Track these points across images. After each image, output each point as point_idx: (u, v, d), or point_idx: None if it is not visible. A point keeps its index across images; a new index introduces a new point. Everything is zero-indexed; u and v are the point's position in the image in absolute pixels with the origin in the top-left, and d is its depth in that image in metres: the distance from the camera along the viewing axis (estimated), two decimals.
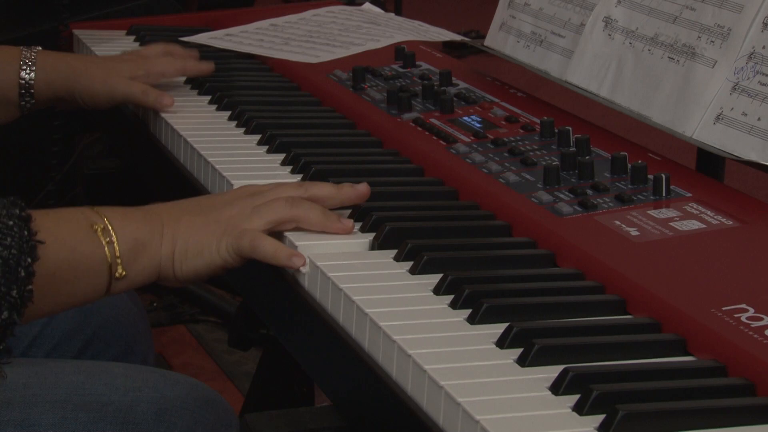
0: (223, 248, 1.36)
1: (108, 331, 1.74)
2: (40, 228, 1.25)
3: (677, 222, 1.37)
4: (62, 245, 1.28)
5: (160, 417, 1.41)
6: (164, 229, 1.36)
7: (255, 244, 1.34)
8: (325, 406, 1.26)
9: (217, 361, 3.05)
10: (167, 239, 1.36)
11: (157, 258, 1.36)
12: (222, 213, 1.38)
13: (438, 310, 1.21)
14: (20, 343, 1.67)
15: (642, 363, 1.12)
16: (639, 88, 1.68)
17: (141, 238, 1.34)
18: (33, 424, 1.36)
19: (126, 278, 1.34)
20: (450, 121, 1.70)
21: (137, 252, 1.34)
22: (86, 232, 1.32)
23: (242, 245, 1.34)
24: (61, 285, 1.29)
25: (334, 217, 1.38)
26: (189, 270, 1.37)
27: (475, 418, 1.01)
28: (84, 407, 1.39)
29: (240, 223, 1.36)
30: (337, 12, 2.34)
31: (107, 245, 1.32)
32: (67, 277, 1.30)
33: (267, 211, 1.37)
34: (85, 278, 1.32)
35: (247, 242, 1.34)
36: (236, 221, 1.36)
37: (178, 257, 1.36)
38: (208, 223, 1.37)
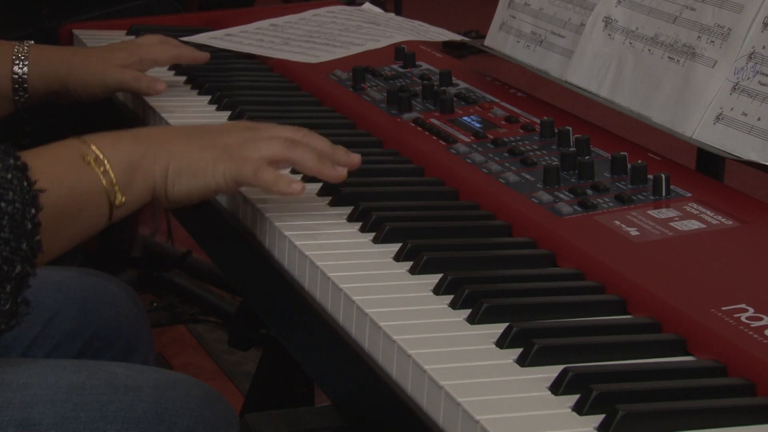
0: (220, 172, 1.36)
1: (108, 332, 1.74)
2: (36, 173, 1.24)
3: (677, 222, 1.37)
4: (61, 186, 1.28)
5: (160, 416, 1.41)
6: (158, 148, 1.36)
7: (258, 172, 1.35)
8: (325, 406, 1.26)
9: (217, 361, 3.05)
10: (161, 157, 1.36)
11: (152, 177, 1.35)
12: (218, 139, 1.38)
13: (438, 310, 1.21)
14: (20, 343, 1.67)
15: (642, 363, 1.12)
16: (639, 88, 1.68)
17: (134, 160, 1.34)
18: (34, 423, 1.36)
19: (125, 204, 1.34)
20: (450, 121, 1.70)
21: (132, 174, 1.34)
22: (81, 166, 1.31)
23: (244, 172, 1.35)
24: (65, 225, 1.29)
25: (329, 163, 1.39)
26: (182, 190, 1.37)
27: (475, 418, 1.01)
28: (84, 407, 1.39)
29: (239, 150, 1.36)
30: (337, 12, 2.34)
31: (102, 174, 1.32)
32: (70, 215, 1.30)
33: (265, 146, 1.38)
34: (87, 212, 1.32)
35: (250, 169, 1.35)
36: (234, 149, 1.37)
37: (172, 176, 1.36)
38: (204, 146, 1.37)
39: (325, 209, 1.46)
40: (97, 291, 1.75)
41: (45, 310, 1.69)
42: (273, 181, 1.35)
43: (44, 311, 1.69)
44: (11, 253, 1.20)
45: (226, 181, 1.37)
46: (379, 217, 1.39)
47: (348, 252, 1.34)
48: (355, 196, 1.46)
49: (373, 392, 1.16)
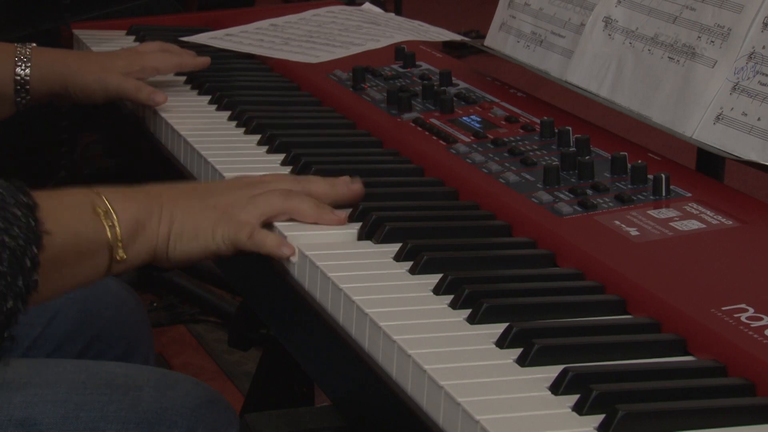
0: (219, 236, 1.38)
1: (109, 333, 1.74)
2: (45, 215, 1.25)
3: (677, 222, 1.37)
4: (66, 231, 1.29)
5: (161, 416, 1.41)
6: (162, 210, 1.38)
7: (252, 237, 1.36)
8: (325, 406, 1.26)
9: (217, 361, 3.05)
10: (165, 220, 1.37)
11: (154, 239, 1.37)
12: (219, 200, 1.40)
13: (438, 310, 1.21)
14: (21, 344, 1.67)
15: (642, 363, 1.12)
16: (639, 88, 1.68)
17: (140, 220, 1.36)
18: (34, 423, 1.36)
19: (125, 260, 1.35)
20: (450, 121, 1.70)
21: (136, 233, 1.35)
22: (89, 216, 1.33)
23: (240, 237, 1.37)
24: (64, 270, 1.30)
25: (328, 209, 1.41)
26: (182, 252, 1.39)
27: (475, 418, 1.01)
28: (85, 407, 1.39)
29: (237, 213, 1.38)
30: (337, 12, 2.34)
31: (109, 229, 1.33)
32: (70, 262, 1.30)
33: (263, 203, 1.39)
34: (88, 261, 1.33)
35: (245, 234, 1.37)
36: (233, 210, 1.39)
37: (174, 239, 1.38)
38: (206, 208, 1.39)
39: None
40: (97, 291, 1.76)
41: (46, 310, 1.69)
42: (262, 242, 1.36)
43: (45, 312, 1.69)
44: (6, 288, 1.20)
45: (225, 245, 1.38)
46: (379, 217, 1.39)
47: (348, 252, 1.34)
48: None
49: (373, 392, 1.16)
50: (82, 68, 1.83)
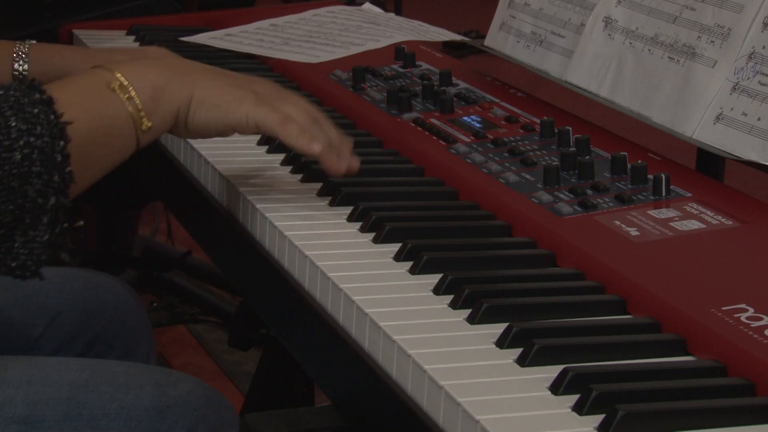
0: (243, 111, 1.38)
1: (110, 333, 1.74)
2: (63, 105, 1.25)
3: (677, 222, 1.37)
4: (87, 116, 1.30)
5: (162, 414, 1.41)
6: (184, 76, 1.38)
7: (285, 123, 1.38)
8: (325, 406, 1.26)
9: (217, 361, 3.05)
10: (187, 85, 1.37)
11: (176, 102, 1.37)
12: (247, 84, 1.41)
13: (438, 310, 1.21)
14: (23, 344, 1.67)
15: (642, 363, 1.12)
16: (639, 88, 1.68)
17: (158, 86, 1.36)
18: (36, 420, 1.37)
19: (151, 129, 1.35)
20: (450, 121, 1.70)
21: (157, 99, 1.35)
22: (106, 94, 1.33)
23: (271, 118, 1.38)
24: (95, 153, 1.31)
25: (334, 155, 1.42)
26: (201, 119, 1.38)
27: (475, 418, 1.01)
28: (87, 404, 1.39)
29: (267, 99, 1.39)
30: (337, 12, 2.34)
31: (128, 101, 1.33)
32: (99, 145, 1.31)
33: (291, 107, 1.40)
34: (115, 139, 1.33)
35: (277, 118, 1.38)
36: (263, 97, 1.39)
37: (195, 104, 1.38)
38: (232, 85, 1.40)
39: (325, 209, 1.46)
40: (98, 292, 1.76)
41: (47, 311, 1.70)
42: (296, 135, 1.37)
43: (46, 312, 1.70)
44: (44, 186, 1.21)
45: (248, 122, 1.38)
46: (379, 217, 1.39)
47: (348, 252, 1.34)
48: (355, 196, 1.46)
49: (373, 392, 1.16)
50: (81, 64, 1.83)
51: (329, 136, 1.43)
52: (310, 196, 1.49)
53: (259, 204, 1.45)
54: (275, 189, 1.52)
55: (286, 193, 1.50)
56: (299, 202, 1.47)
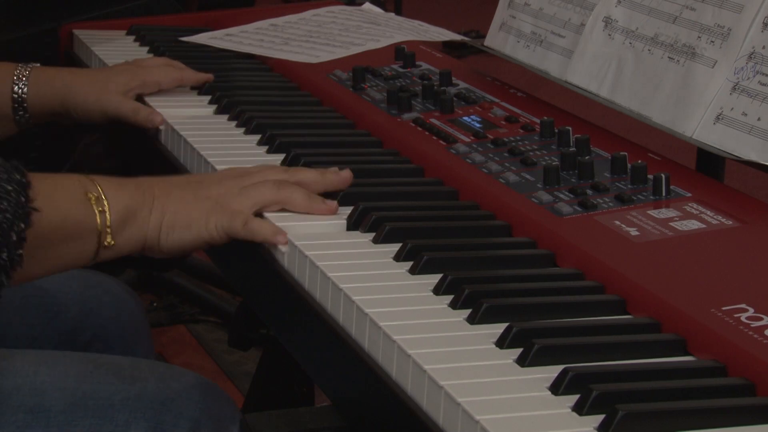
0: (212, 225, 1.41)
1: (108, 333, 1.74)
2: (37, 193, 1.28)
3: (677, 222, 1.37)
4: (56, 211, 1.33)
5: (166, 406, 1.42)
6: (154, 200, 1.41)
7: (247, 225, 1.40)
8: (325, 406, 1.27)
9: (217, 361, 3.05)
10: (156, 211, 1.41)
11: (144, 228, 1.40)
12: (211, 190, 1.43)
13: (438, 310, 1.21)
14: (21, 344, 1.67)
15: (642, 363, 1.12)
16: (639, 88, 1.68)
17: (131, 208, 1.39)
18: (43, 410, 1.38)
19: (113, 247, 1.38)
20: (450, 121, 1.70)
21: (126, 222, 1.39)
22: (80, 200, 1.36)
23: (234, 225, 1.40)
24: (51, 249, 1.34)
25: (319, 200, 1.44)
26: (174, 242, 1.42)
27: (475, 418, 1.01)
28: (93, 395, 1.41)
29: (229, 202, 1.42)
30: (337, 12, 2.34)
31: (99, 214, 1.36)
32: (57, 242, 1.34)
33: (255, 193, 1.42)
34: (75, 244, 1.36)
35: (239, 223, 1.40)
36: (225, 200, 1.42)
37: (165, 229, 1.41)
38: (198, 199, 1.43)
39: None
40: (97, 291, 1.76)
41: (45, 311, 1.70)
42: (258, 230, 1.40)
43: (44, 313, 1.70)
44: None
45: (219, 234, 1.42)
46: (379, 217, 1.39)
47: (348, 252, 1.34)
48: (355, 196, 1.46)
49: (373, 392, 1.16)
50: (81, 89, 1.84)
51: (305, 183, 1.46)
52: None
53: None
54: None
55: None
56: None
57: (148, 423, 1.41)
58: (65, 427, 1.39)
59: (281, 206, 1.43)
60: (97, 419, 1.40)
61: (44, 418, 1.38)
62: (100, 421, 1.40)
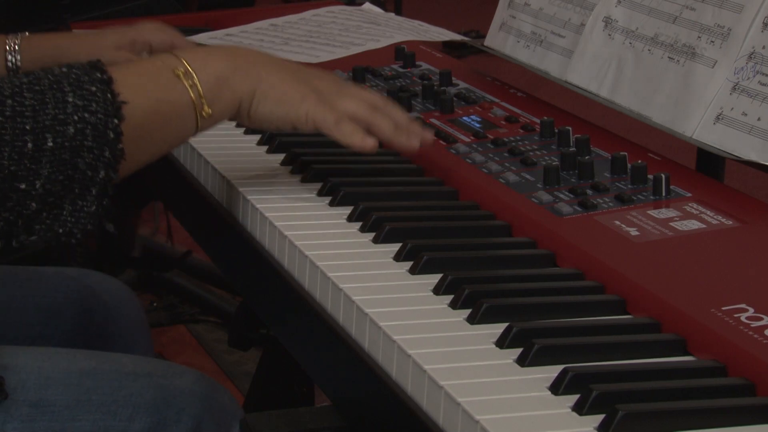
0: (303, 110, 1.42)
1: (107, 332, 1.75)
2: (122, 85, 1.29)
3: (677, 222, 1.37)
4: (146, 98, 1.34)
5: (169, 402, 1.43)
6: (251, 67, 1.42)
7: (339, 124, 1.42)
8: (325, 406, 1.26)
9: (217, 361, 3.05)
10: (252, 77, 1.41)
11: (239, 93, 1.41)
12: (311, 80, 1.45)
13: (438, 310, 1.21)
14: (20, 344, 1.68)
15: (642, 363, 1.12)
16: (639, 88, 1.68)
17: (222, 74, 1.39)
18: (47, 404, 1.39)
19: (212, 116, 1.39)
20: (450, 121, 1.70)
21: (220, 88, 1.39)
22: (169, 79, 1.36)
23: (327, 118, 1.42)
24: (152, 134, 1.35)
25: (404, 134, 1.47)
26: (264, 113, 1.42)
27: (475, 418, 1.01)
28: (96, 391, 1.41)
29: (327, 96, 1.43)
30: (337, 12, 2.34)
31: (191, 88, 1.37)
32: (156, 126, 1.35)
33: (351, 102, 1.44)
34: (174, 123, 1.37)
35: (333, 119, 1.42)
36: (323, 94, 1.43)
37: (259, 97, 1.42)
38: (297, 80, 1.44)
39: (325, 209, 1.46)
40: (95, 291, 1.77)
41: (44, 311, 1.71)
42: (350, 133, 1.42)
43: (43, 312, 1.71)
44: (95, 160, 1.26)
45: (307, 120, 1.42)
46: (379, 217, 1.39)
47: (348, 252, 1.34)
48: (355, 196, 1.46)
49: (373, 392, 1.16)
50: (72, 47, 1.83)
51: (394, 118, 1.47)
52: (310, 196, 1.49)
53: (259, 204, 1.45)
54: (275, 189, 1.52)
55: (286, 193, 1.50)
56: (299, 201, 1.47)
57: (151, 419, 1.42)
58: (69, 421, 1.39)
59: (369, 127, 1.44)
60: (100, 414, 1.41)
61: (48, 413, 1.39)
62: (103, 416, 1.41)
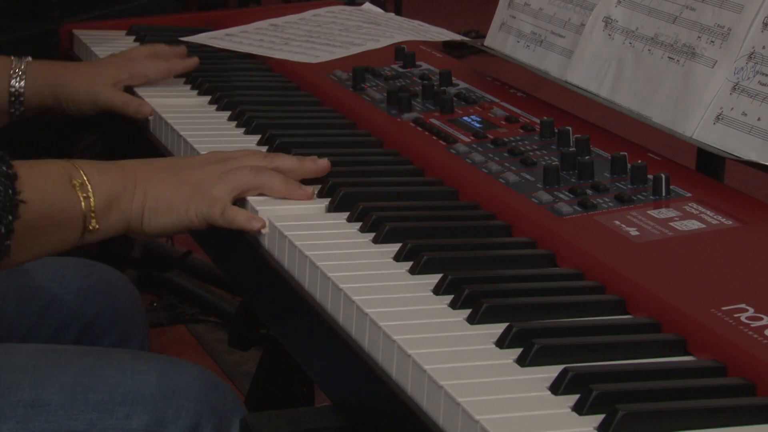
0: (192, 212, 1.45)
1: (104, 319, 1.75)
2: (23, 184, 1.31)
3: (677, 222, 1.37)
4: (43, 200, 1.36)
5: (168, 399, 1.43)
6: (137, 184, 1.44)
7: (224, 213, 1.44)
8: (325, 406, 1.26)
9: (217, 361, 3.05)
10: (139, 195, 1.44)
11: (128, 212, 1.44)
12: (192, 175, 1.47)
13: (438, 310, 1.21)
14: (17, 332, 1.68)
15: (642, 363, 1.12)
16: (639, 88, 1.68)
17: (115, 193, 1.42)
18: (43, 404, 1.39)
19: (98, 231, 1.41)
20: (450, 121, 1.70)
21: (110, 206, 1.42)
22: (66, 187, 1.39)
23: (213, 213, 1.44)
24: (37, 236, 1.37)
25: (296, 185, 1.47)
26: (157, 226, 1.46)
27: (474, 418, 1.01)
28: (93, 388, 1.41)
29: (209, 189, 1.45)
30: (337, 12, 2.34)
31: (84, 200, 1.40)
32: (44, 230, 1.37)
33: (233, 179, 1.45)
34: (61, 230, 1.39)
35: (218, 211, 1.43)
36: (205, 186, 1.45)
37: (148, 213, 1.45)
38: (179, 184, 1.46)
39: (325, 209, 1.46)
40: (92, 280, 1.77)
41: (41, 299, 1.71)
42: (233, 219, 1.43)
43: (40, 301, 1.71)
44: None
45: (198, 220, 1.45)
46: (379, 217, 1.39)
47: (348, 252, 1.34)
48: (355, 196, 1.46)
49: (373, 392, 1.16)
50: (72, 81, 1.88)
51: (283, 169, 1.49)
52: None
53: (259, 205, 1.45)
54: None
55: None
56: (299, 202, 1.47)
57: (149, 416, 1.42)
58: (65, 421, 1.39)
59: (259, 191, 1.46)
60: (97, 413, 1.40)
61: (44, 413, 1.39)
62: (100, 414, 1.40)
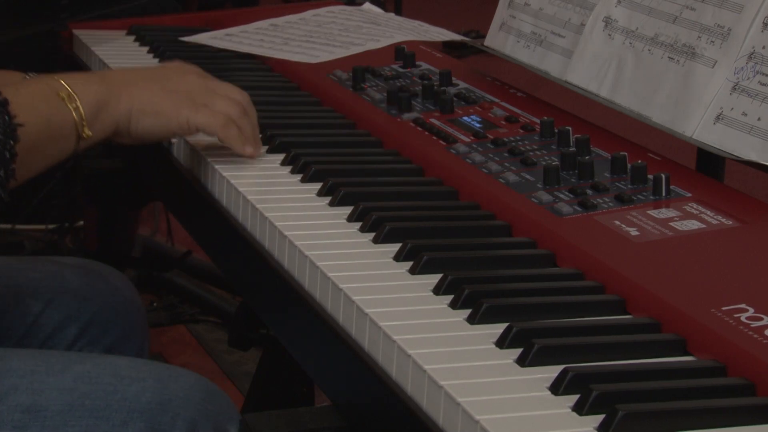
0: (183, 117, 1.52)
1: (103, 318, 1.75)
2: (16, 108, 1.36)
3: (677, 222, 1.37)
4: (38, 119, 1.41)
5: (164, 407, 1.42)
6: (122, 89, 1.50)
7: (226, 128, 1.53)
8: (325, 406, 1.26)
9: (217, 361, 3.05)
10: (125, 98, 1.50)
11: (116, 114, 1.50)
12: (178, 85, 1.54)
13: (438, 310, 1.21)
14: (16, 331, 1.68)
15: (642, 363, 1.12)
16: (639, 88, 1.68)
17: (101, 99, 1.48)
18: (40, 409, 1.38)
19: (91, 137, 1.47)
20: (450, 121, 1.70)
21: (99, 111, 1.48)
22: (56, 102, 1.45)
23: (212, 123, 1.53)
24: (37, 154, 1.42)
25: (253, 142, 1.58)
26: (145, 127, 1.52)
27: (474, 418, 1.01)
28: (90, 395, 1.41)
29: (201, 99, 1.53)
30: (337, 12, 2.34)
31: (74, 110, 1.45)
32: (43, 146, 1.43)
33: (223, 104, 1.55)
34: (58, 143, 1.45)
35: (218, 123, 1.53)
36: (196, 97, 1.53)
37: (136, 115, 1.51)
38: (167, 91, 1.53)
39: (325, 209, 1.46)
40: (91, 279, 1.77)
41: (39, 299, 1.71)
42: (235, 137, 1.53)
43: (39, 300, 1.71)
44: None
45: (189, 127, 1.52)
46: (379, 217, 1.39)
47: (348, 252, 1.34)
48: (355, 196, 1.46)
49: (373, 392, 1.16)
50: None
51: (252, 123, 1.59)
52: (310, 196, 1.49)
53: (259, 204, 1.45)
54: (275, 189, 1.52)
55: (286, 193, 1.50)
56: (299, 202, 1.47)
57: (145, 424, 1.41)
58: (62, 427, 1.39)
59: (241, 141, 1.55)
60: (93, 419, 1.40)
61: (41, 418, 1.38)
62: (96, 421, 1.40)
